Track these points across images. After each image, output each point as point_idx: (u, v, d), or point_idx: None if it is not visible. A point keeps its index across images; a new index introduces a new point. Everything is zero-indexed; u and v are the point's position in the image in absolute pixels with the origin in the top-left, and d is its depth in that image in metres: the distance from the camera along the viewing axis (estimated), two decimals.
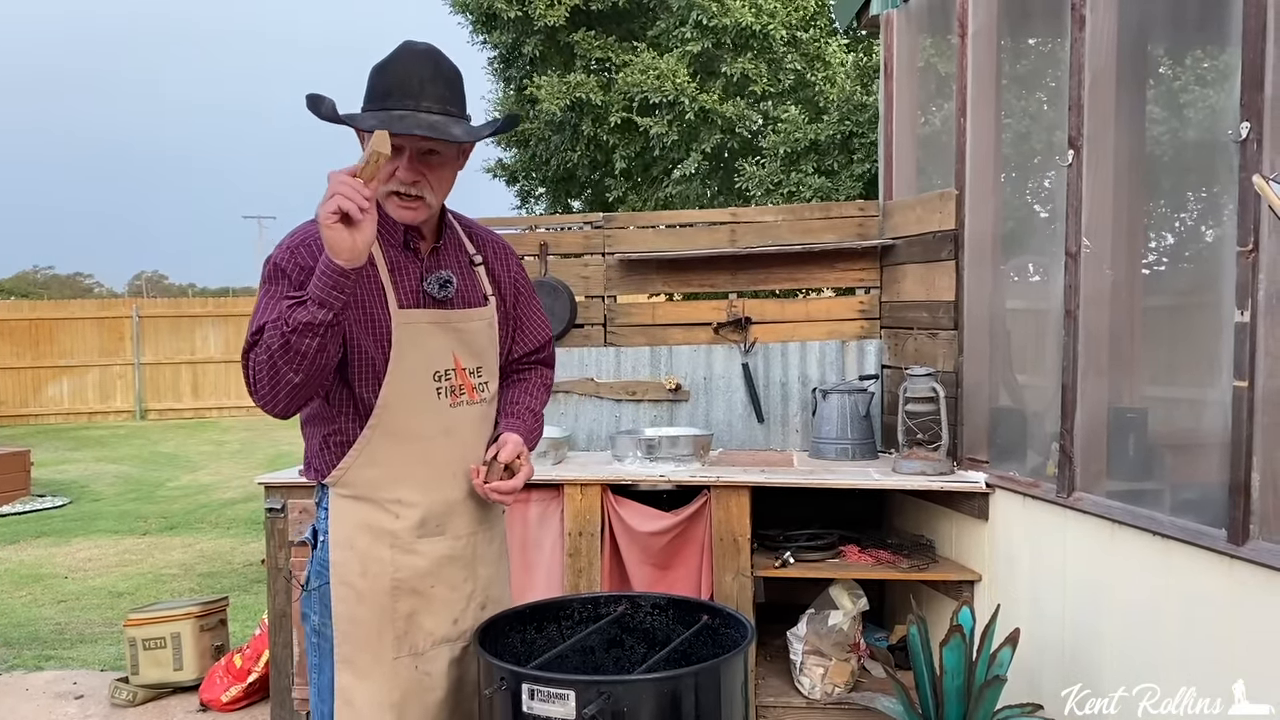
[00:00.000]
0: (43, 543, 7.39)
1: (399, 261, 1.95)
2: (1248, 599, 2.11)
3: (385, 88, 1.83)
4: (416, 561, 1.96)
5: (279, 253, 1.88)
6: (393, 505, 1.94)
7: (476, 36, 9.56)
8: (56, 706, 3.97)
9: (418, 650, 1.97)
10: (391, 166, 1.82)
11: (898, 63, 3.99)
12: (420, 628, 1.97)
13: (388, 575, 1.93)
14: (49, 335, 16.13)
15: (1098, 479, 2.76)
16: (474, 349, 2.02)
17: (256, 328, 1.81)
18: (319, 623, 1.97)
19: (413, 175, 1.85)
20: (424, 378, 1.94)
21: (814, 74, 8.36)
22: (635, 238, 4.28)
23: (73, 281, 45.18)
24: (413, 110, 1.81)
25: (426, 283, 1.96)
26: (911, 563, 3.39)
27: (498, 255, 2.15)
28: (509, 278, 2.16)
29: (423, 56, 1.86)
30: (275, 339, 1.73)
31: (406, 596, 1.95)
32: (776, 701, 3.38)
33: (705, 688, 1.85)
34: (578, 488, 3.44)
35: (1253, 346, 2.10)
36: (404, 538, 1.95)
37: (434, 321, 1.95)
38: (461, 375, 1.98)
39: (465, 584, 2.03)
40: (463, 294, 2.02)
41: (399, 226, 1.94)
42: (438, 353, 1.96)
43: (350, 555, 1.94)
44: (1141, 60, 3.29)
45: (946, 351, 3.50)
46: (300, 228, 1.94)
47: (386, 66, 1.86)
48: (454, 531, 2.01)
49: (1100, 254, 2.76)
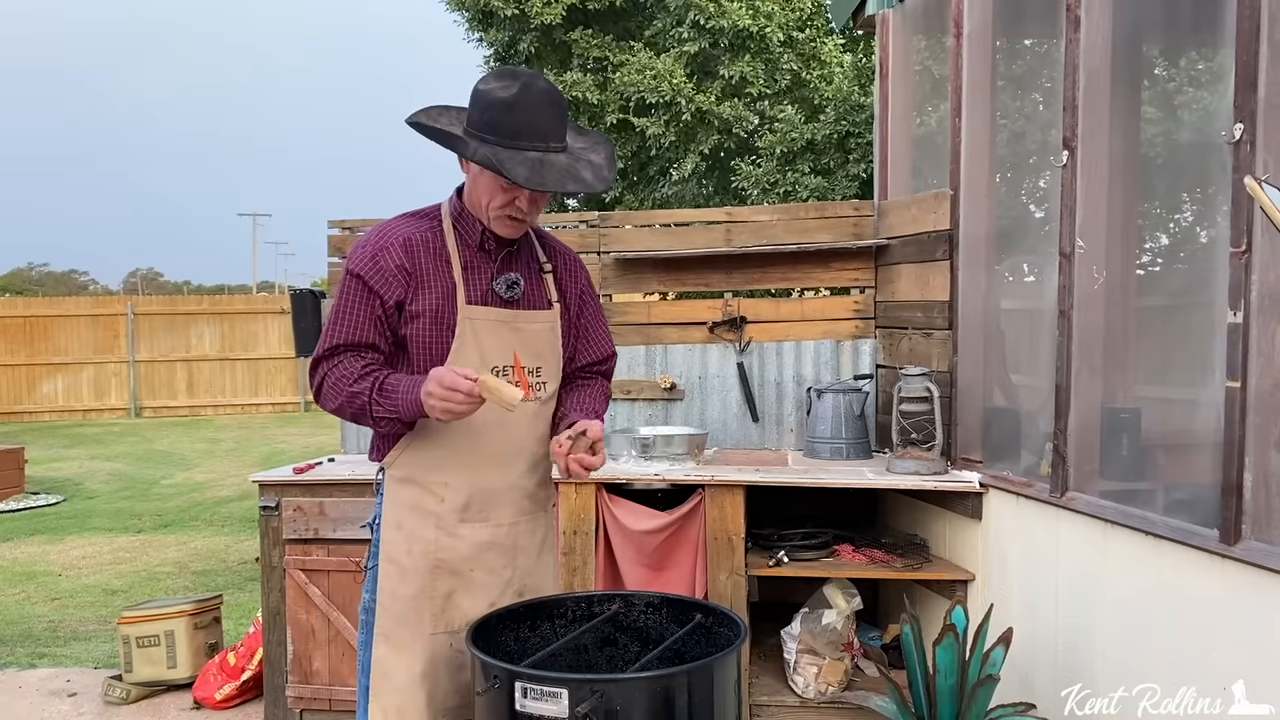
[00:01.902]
0: (36, 540, 7.37)
1: (473, 261, 2.08)
2: (1240, 599, 2.12)
3: (515, 128, 1.92)
4: (457, 544, 2.08)
5: (360, 260, 2.03)
6: (438, 488, 2.06)
7: (472, 34, 9.54)
8: (50, 704, 3.97)
9: (453, 629, 2.08)
10: (509, 196, 1.98)
11: (893, 63, 3.99)
12: (457, 608, 2.08)
13: (430, 554, 2.06)
14: (43, 332, 16.10)
15: (1091, 479, 2.76)
16: (535, 349, 2.12)
17: (332, 345, 2.04)
18: (369, 601, 2.09)
19: (531, 207, 2.02)
20: (483, 372, 2.00)
21: (810, 74, 8.36)
22: (631, 237, 4.28)
23: (67, 278, 45.10)
24: (544, 152, 1.93)
25: (496, 283, 2.09)
26: (905, 562, 3.39)
27: (567, 266, 2.25)
28: (576, 289, 2.25)
29: (548, 98, 1.95)
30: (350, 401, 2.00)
31: (446, 577, 2.07)
32: (770, 700, 3.38)
33: (698, 686, 1.85)
34: (572, 486, 3.44)
35: (1245, 347, 2.10)
36: (447, 520, 2.07)
37: (499, 320, 2.08)
38: (519, 373, 2.07)
39: (504, 570, 2.13)
40: (529, 297, 2.14)
41: (477, 228, 2.07)
42: (498, 349, 2.07)
43: (398, 534, 2.07)
44: (1136, 61, 3.30)
45: (941, 351, 3.50)
46: (380, 229, 2.08)
47: (515, 105, 1.92)
48: (496, 519, 2.11)
49: (1094, 254, 2.76)
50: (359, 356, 2.04)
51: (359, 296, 2.03)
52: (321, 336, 2.08)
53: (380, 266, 2.01)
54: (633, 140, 8.69)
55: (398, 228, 2.07)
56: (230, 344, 16.64)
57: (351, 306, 2.03)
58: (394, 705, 2.05)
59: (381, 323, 2.03)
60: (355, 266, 2.03)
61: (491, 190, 2.01)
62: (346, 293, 2.05)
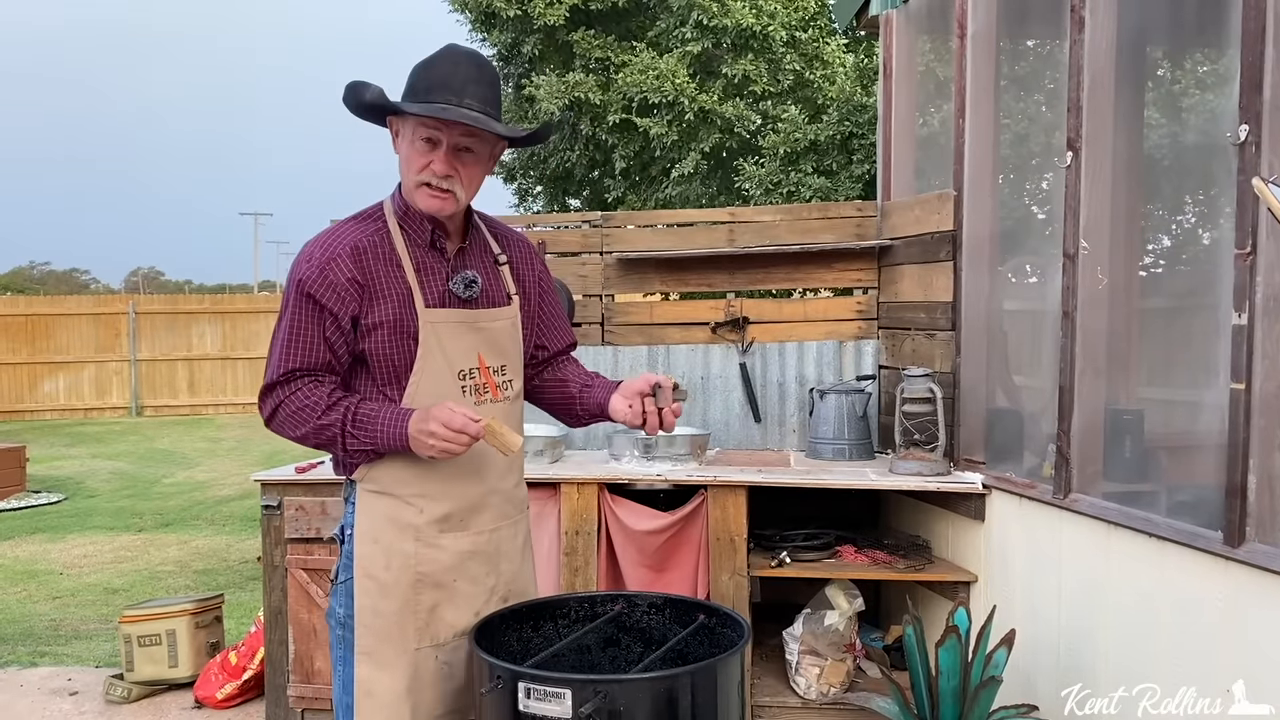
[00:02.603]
0: (38, 539, 7.37)
1: (425, 261, 1.98)
2: (1244, 601, 2.12)
3: (429, 83, 1.87)
4: (439, 556, 2.00)
5: (306, 269, 1.90)
6: (416, 500, 1.98)
7: (476, 35, 9.55)
8: (51, 703, 3.97)
9: (439, 641, 2.01)
10: (426, 159, 1.89)
11: (896, 63, 3.99)
12: (442, 620, 2.01)
13: (411, 568, 1.98)
14: (45, 331, 16.11)
15: (1094, 480, 2.76)
16: (498, 347, 2.05)
17: (287, 370, 1.92)
18: (344, 616, 2.01)
19: (446, 169, 1.89)
20: (449, 377, 1.97)
21: (813, 74, 8.36)
22: (633, 237, 4.27)
23: (69, 277, 45.13)
24: (455, 105, 1.85)
25: (452, 282, 1.99)
26: (908, 563, 3.39)
27: (522, 255, 2.17)
28: (533, 277, 2.19)
29: (467, 58, 1.92)
30: (318, 432, 1.91)
31: (429, 590, 1.99)
32: (772, 701, 3.38)
33: (702, 687, 1.84)
34: (574, 486, 3.44)
35: (1250, 349, 2.10)
36: (427, 532, 1.99)
37: (460, 321, 1.99)
38: (485, 374, 2.02)
39: (488, 578, 2.07)
40: (487, 293, 2.05)
41: (426, 227, 1.97)
42: (463, 352, 1.99)
43: (375, 549, 1.98)
44: (1140, 62, 3.30)
45: (944, 352, 3.50)
46: (325, 237, 1.95)
47: (431, 64, 1.90)
48: (477, 526, 2.04)
49: (1098, 255, 2.76)
50: (318, 382, 1.93)
51: (310, 315, 1.91)
52: (271, 359, 1.95)
53: (330, 281, 1.89)
54: (635, 140, 8.69)
55: (344, 234, 1.94)
56: (231, 343, 16.64)
57: (304, 327, 1.91)
58: None
59: (337, 342, 1.92)
60: (304, 283, 1.90)
61: (409, 158, 1.92)
62: (296, 311, 1.91)
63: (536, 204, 10.90)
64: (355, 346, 1.94)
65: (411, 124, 1.90)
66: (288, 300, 1.94)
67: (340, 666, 2.03)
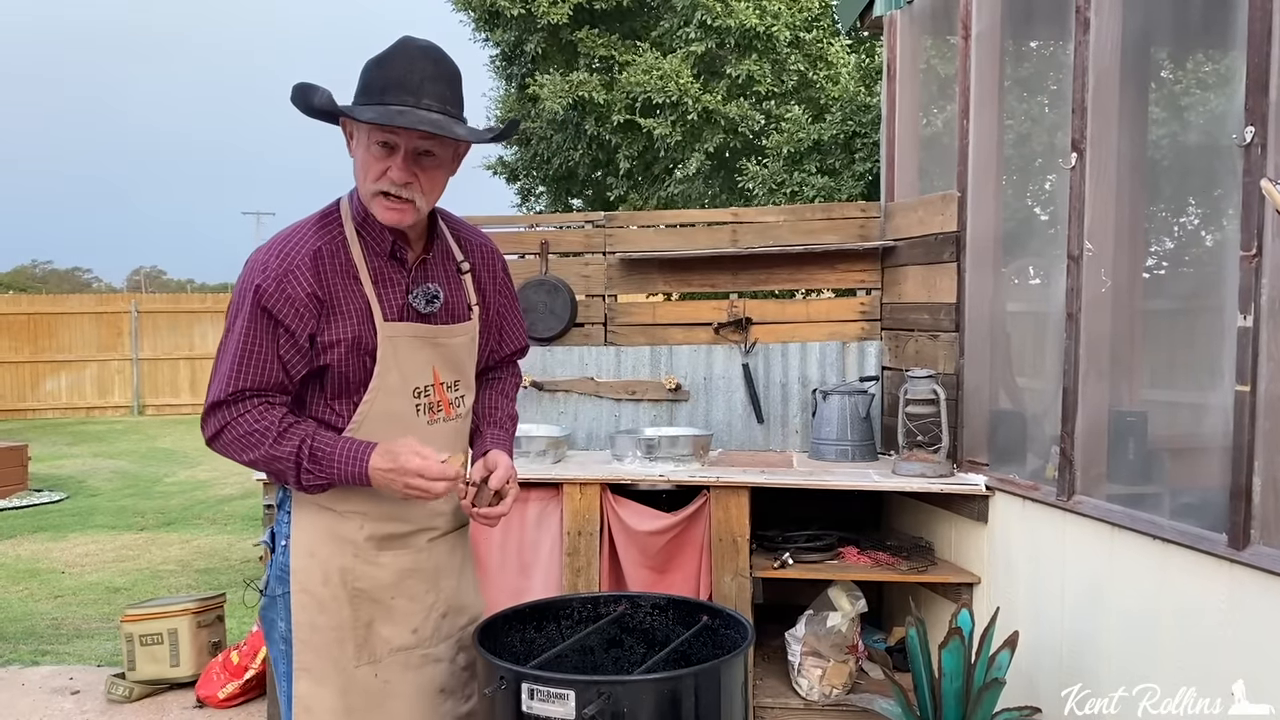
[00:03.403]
0: (39, 538, 7.38)
1: (384, 273, 1.87)
2: (1248, 604, 2.11)
3: (383, 83, 1.74)
4: (378, 573, 1.92)
5: (263, 279, 1.76)
6: (355, 516, 1.90)
7: (479, 34, 9.55)
8: (52, 702, 3.97)
9: (376, 658, 1.93)
10: (383, 166, 1.76)
11: (900, 64, 3.99)
12: (378, 635, 1.93)
13: (349, 584, 1.90)
14: (47, 330, 16.12)
15: (1098, 482, 2.76)
16: (454, 363, 1.97)
17: (236, 390, 1.77)
18: (285, 630, 1.92)
19: (405, 176, 1.77)
20: (404, 394, 1.89)
21: (817, 74, 8.36)
22: (636, 237, 4.27)
23: (71, 276, 45.15)
24: (412, 107, 1.72)
25: (412, 296, 1.89)
26: (910, 565, 3.38)
27: (485, 261, 2.07)
28: (494, 285, 2.10)
29: (423, 53, 1.78)
30: (269, 461, 1.80)
31: (366, 605, 1.91)
32: (774, 702, 3.37)
33: (705, 689, 1.84)
34: (577, 487, 3.43)
35: (1255, 351, 2.10)
36: (365, 549, 1.91)
37: (417, 336, 1.89)
38: (439, 390, 1.94)
39: (426, 595, 1.99)
40: (449, 308, 1.96)
41: (387, 236, 1.86)
42: (419, 368, 1.90)
43: (311, 563, 1.89)
44: (1145, 63, 3.29)
45: (947, 353, 3.49)
46: (284, 242, 1.82)
47: (385, 61, 1.77)
48: (416, 544, 1.97)
49: (1102, 257, 2.76)
50: (269, 404, 1.81)
51: (265, 331, 1.77)
52: (219, 374, 1.80)
53: (289, 295, 1.76)
54: (639, 140, 8.69)
55: (304, 239, 1.81)
56: None
57: (257, 342, 1.77)
58: None
59: (291, 360, 1.80)
60: (260, 294, 1.76)
61: (365, 163, 1.78)
62: (251, 326, 1.77)
63: (539, 204, 10.90)
64: (310, 364, 1.83)
65: (366, 127, 1.76)
66: (239, 309, 1.79)
67: (284, 683, 1.95)
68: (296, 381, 1.84)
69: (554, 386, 4.26)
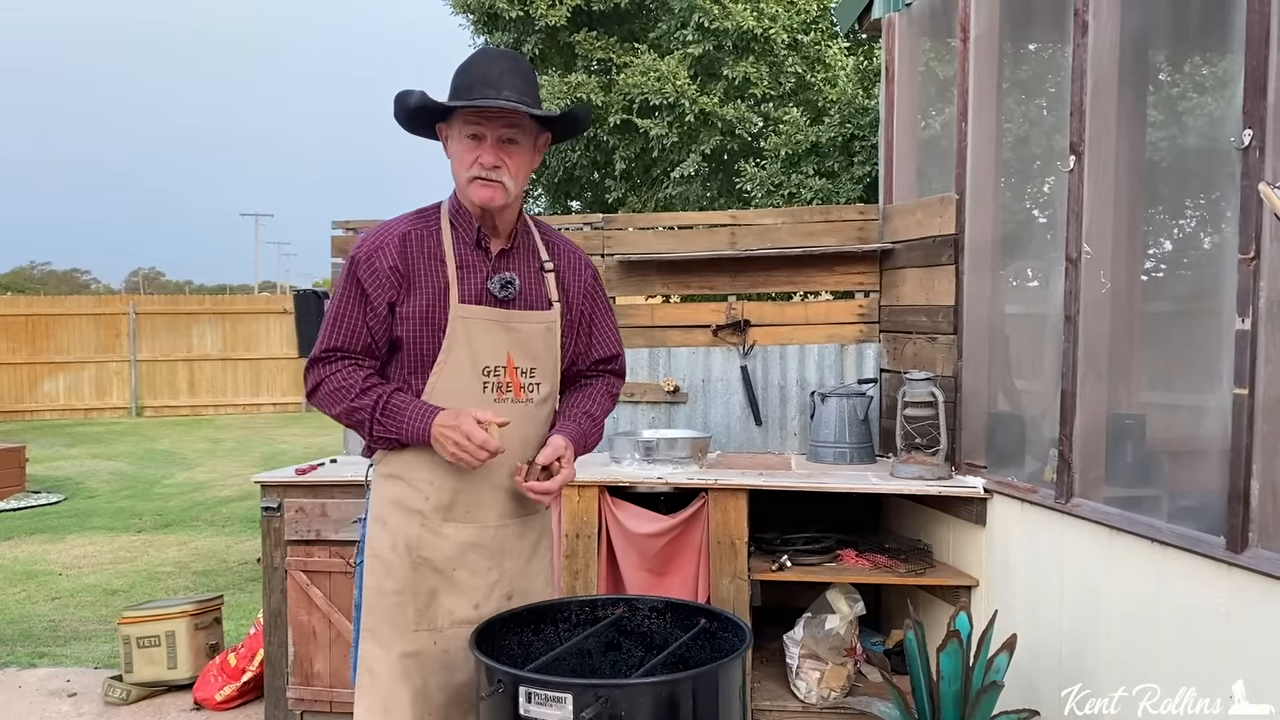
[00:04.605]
0: (37, 539, 7.37)
1: (468, 259, 2.08)
2: (1247, 607, 2.11)
3: (468, 82, 1.99)
4: (440, 544, 2.06)
5: (358, 252, 2.06)
6: (423, 484, 2.05)
7: (478, 37, 9.55)
8: (50, 704, 3.96)
9: (437, 627, 2.06)
10: (474, 154, 2.00)
11: (899, 66, 3.99)
12: (441, 606, 2.07)
13: (414, 550, 2.05)
14: (45, 331, 16.10)
15: (1096, 485, 2.75)
16: (529, 350, 2.11)
17: (328, 347, 2.05)
18: (359, 596, 2.09)
19: (494, 159, 2.00)
20: (472, 371, 2.05)
21: (815, 77, 8.36)
22: (635, 239, 4.27)
23: (69, 277, 45.12)
24: (494, 98, 1.96)
25: (491, 282, 2.08)
26: (909, 567, 3.38)
27: (571, 265, 2.23)
28: (580, 288, 2.23)
29: (501, 55, 2.07)
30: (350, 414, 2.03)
31: (429, 574, 2.06)
32: (772, 705, 3.37)
33: (703, 692, 1.84)
34: (575, 489, 3.43)
35: (1253, 354, 2.09)
36: (431, 518, 2.06)
37: (492, 319, 2.07)
38: (512, 373, 2.08)
39: (489, 572, 2.11)
40: (525, 296, 2.12)
41: (474, 225, 2.08)
42: (491, 349, 2.06)
43: (382, 530, 2.07)
44: (1143, 66, 3.30)
45: (945, 356, 3.49)
46: (382, 227, 2.09)
47: (468, 65, 2.03)
48: (482, 520, 2.09)
49: (1100, 260, 2.76)
50: (357, 365, 2.07)
51: (354, 299, 2.05)
52: (320, 336, 2.08)
53: (375, 268, 2.03)
54: (636, 142, 8.69)
55: (398, 225, 2.09)
56: (232, 344, 16.65)
57: (348, 309, 2.06)
58: (379, 701, 2.04)
59: (375, 327, 2.05)
60: (354, 266, 2.05)
61: (459, 155, 2.04)
62: (344, 293, 2.07)
63: (538, 206, 10.90)
64: (393, 332, 2.05)
65: (458, 124, 2.02)
66: (341, 280, 2.09)
67: (357, 649, 2.09)
68: (381, 348, 2.07)
69: None
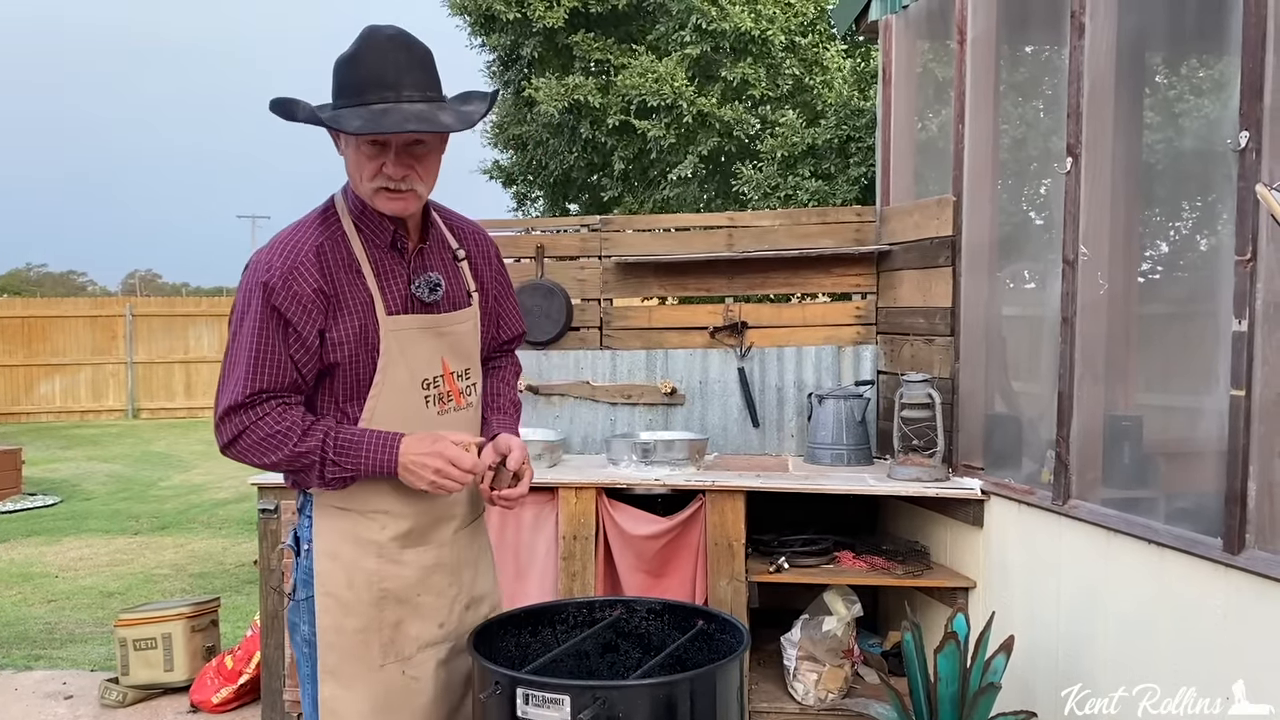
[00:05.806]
0: (33, 542, 7.35)
1: (385, 264, 1.87)
2: (1244, 608, 2.11)
3: (359, 82, 1.71)
4: (402, 572, 1.92)
5: (272, 274, 1.76)
6: (377, 516, 1.89)
7: (475, 39, 9.55)
8: (46, 706, 3.95)
9: (404, 656, 1.93)
10: (376, 164, 1.75)
11: (896, 68, 3.99)
12: (406, 635, 1.93)
13: (374, 585, 1.89)
14: (41, 333, 16.07)
15: (1093, 487, 2.76)
16: (461, 351, 1.97)
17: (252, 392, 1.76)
18: (309, 634, 1.92)
19: (402, 170, 1.76)
20: (412, 387, 1.88)
21: (812, 79, 8.37)
22: (632, 241, 4.27)
23: (66, 279, 45.02)
24: (394, 103, 1.70)
25: (415, 286, 1.89)
26: (906, 569, 3.38)
27: (480, 248, 2.08)
28: (490, 271, 2.10)
29: (393, 43, 1.73)
30: (293, 460, 1.80)
31: (393, 606, 1.91)
32: (770, 707, 3.37)
33: (701, 694, 1.84)
34: (572, 491, 3.43)
35: (1250, 355, 2.10)
36: (389, 549, 1.90)
37: (423, 327, 1.89)
38: (449, 380, 1.93)
39: (450, 588, 2.00)
40: (450, 295, 1.95)
41: (387, 226, 1.86)
42: (427, 359, 1.90)
43: (335, 566, 1.89)
44: (1140, 68, 3.30)
45: (943, 358, 3.50)
46: (288, 240, 1.81)
47: (356, 58, 1.73)
48: (439, 539, 1.97)
49: (1097, 261, 2.76)
50: (286, 405, 1.80)
51: (274, 331, 1.76)
52: (231, 379, 1.79)
53: (297, 293, 1.75)
54: (634, 143, 8.69)
55: (306, 237, 1.80)
56: None
57: (268, 343, 1.76)
58: None
59: (302, 360, 1.79)
60: (268, 293, 1.75)
61: (358, 164, 1.77)
62: (260, 326, 1.76)
63: (535, 208, 10.90)
64: (321, 362, 1.82)
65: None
66: (245, 311, 1.78)
67: (309, 685, 1.95)
68: (309, 382, 1.84)
69: (549, 390, 4.25)
